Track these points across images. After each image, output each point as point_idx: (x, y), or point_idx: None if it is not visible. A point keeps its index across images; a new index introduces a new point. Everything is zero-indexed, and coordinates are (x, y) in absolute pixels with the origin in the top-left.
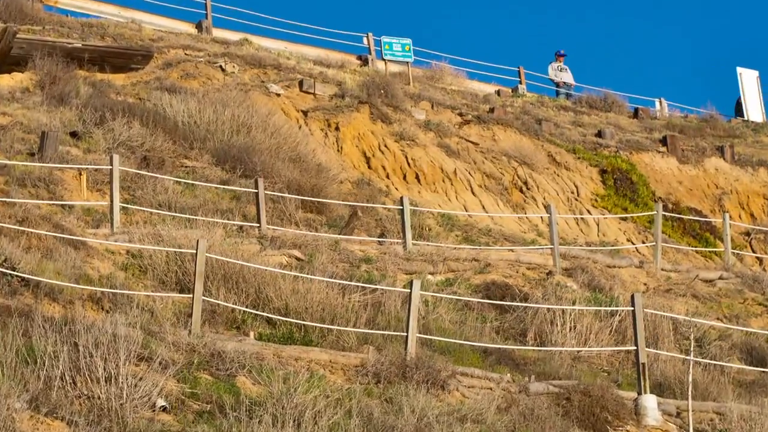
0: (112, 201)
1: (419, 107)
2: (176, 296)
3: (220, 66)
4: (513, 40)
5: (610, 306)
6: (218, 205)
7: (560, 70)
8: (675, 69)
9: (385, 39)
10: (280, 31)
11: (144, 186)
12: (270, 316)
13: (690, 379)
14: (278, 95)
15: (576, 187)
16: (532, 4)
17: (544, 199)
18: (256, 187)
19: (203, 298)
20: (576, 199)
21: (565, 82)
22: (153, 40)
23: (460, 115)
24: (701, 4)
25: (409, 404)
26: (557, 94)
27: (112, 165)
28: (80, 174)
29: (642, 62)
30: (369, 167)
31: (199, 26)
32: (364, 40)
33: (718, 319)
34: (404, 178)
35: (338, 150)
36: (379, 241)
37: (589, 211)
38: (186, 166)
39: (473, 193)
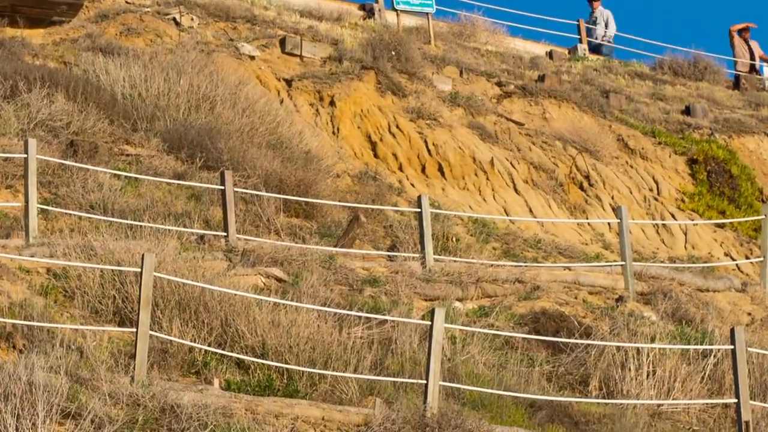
0: (27, 202)
1: (443, 74)
2: (114, 330)
3: (174, 18)
4: None
5: (702, 344)
6: (171, 207)
7: (594, 22)
8: None
9: None
10: None
11: (71, 181)
12: (241, 357)
13: None
14: (252, 58)
15: (656, 182)
16: None
17: (613, 199)
18: (223, 183)
19: (151, 332)
20: (656, 200)
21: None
22: None
23: (499, 84)
24: None
25: None
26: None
27: (27, 153)
28: None
29: (746, 15)
30: (375, 155)
31: None
32: None
33: None
34: (423, 170)
35: (334, 132)
36: (389, 256)
37: (673, 216)
38: (128, 155)
39: (517, 191)
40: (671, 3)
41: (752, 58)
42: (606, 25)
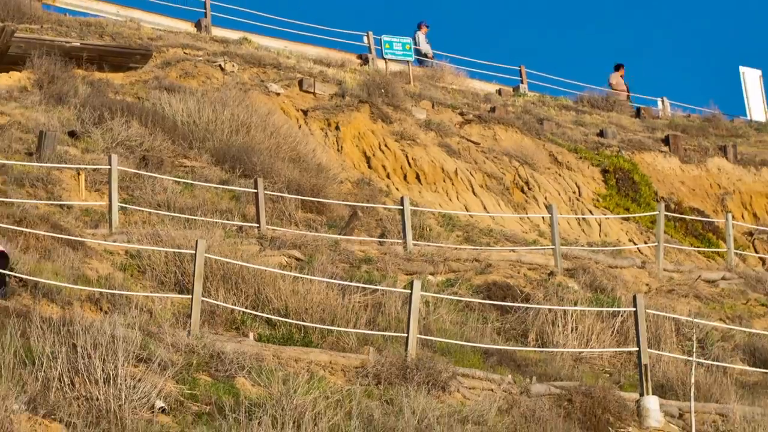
0: (110, 201)
1: (420, 106)
2: (175, 297)
3: (219, 65)
4: (514, 39)
5: (612, 307)
6: (217, 205)
7: (420, 36)
8: (677, 68)
9: (385, 38)
10: (280, 30)
11: (143, 186)
12: (269, 316)
13: (692, 381)
14: (278, 94)
15: (578, 187)
16: (533, 4)
17: (546, 199)
18: (256, 187)
19: (202, 298)
20: (578, 200)
21: (424, 55)
22: (152, 39)
23: (461, 114)
24: (703, 3)
25: (409, 405)
26: (421, 61)
27: (110, 165)
28: (78, 174)
29: (644, 61)
30: (369, 167)
31: (198, 25)
32: (365, 39)
33: (720, 319)
34: (405, 178)
35: (338, 149)
36: (379, 242)
37: (591, 212)
38: (185, 166)
39: (474, 193)
40: (591, 51)
41: (627, 91)
42: (425, 53)
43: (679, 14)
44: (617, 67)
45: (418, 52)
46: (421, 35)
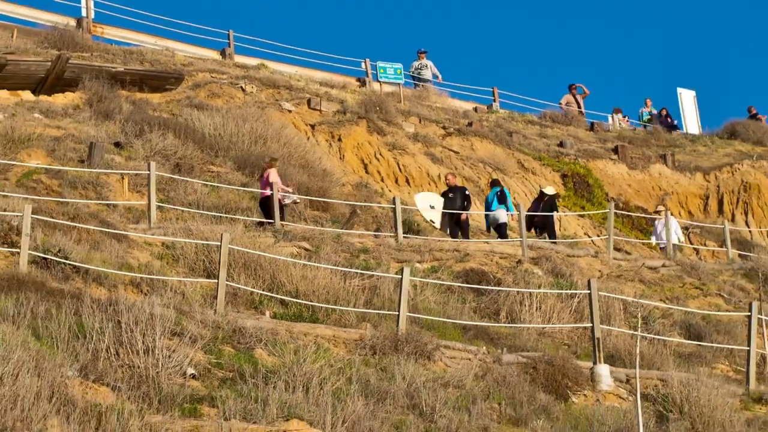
0: (149, 201)
1: (409, 122)
2: (204, 281)
3: (241, 87)
4: (489, 64)
5: (570, 290)
6: (239, 204)
7: (422, 69)
8: (625, 89)
9: (380, 64)
10: (292, 57)
11: (176, 188)
12: (283, 298)
13: (637, 351)
14: (289, 111)
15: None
16: (504, 36)
17: (515, 198)
18: (271, 190)
19: (226, 283)
20: None
21: (422, 79)
22: (184, 65)
23: (444, 128)
24: (648, 31)
25: (400, 372)
26: (416, 86)
27: (149, 170)
28: (122, 178)
29: (598, 83)
30: (366, 172)
31: (222, 53)
32: (362, 64)
33: (661, 300)
34: (396, 181)
35: (340, 158)
36: (375, 235)
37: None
38: (212, 171)
39: None
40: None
41: (579, 107)
42: (428, 74)
43: (628, 42)
44: (570, 88)
45: (418, 77)
46: (429, 63)
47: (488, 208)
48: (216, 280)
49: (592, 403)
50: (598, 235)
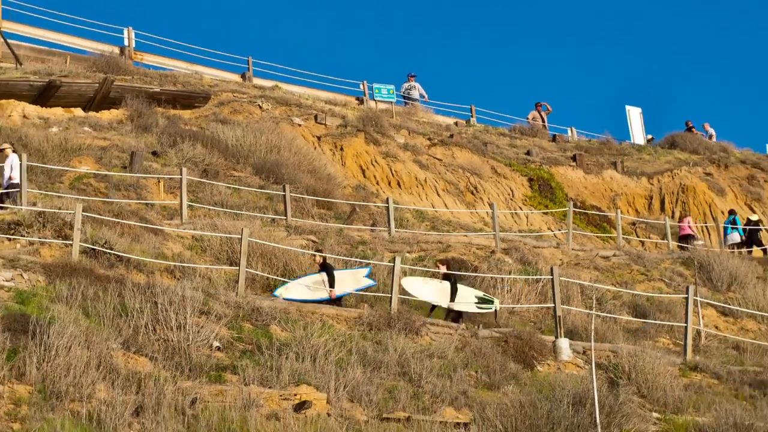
0: (181, 200)
1: (400, 134)
2: (227, 268)
3: (258, 105)
4: (467, 85)
5: (535, 275)
6: (256, 204)
7: (411, 89)
8: (582, 106)
9: (375, 85)
10: (301, 79)
11: (204, 190)
12: (285, 280)
13: (592, 327)
14: (299, 125)
15: (511, 190)
16: (482, 59)
17: (489, 199)
18: (284, 191)
19: (246, 269)
20: (511, 200)
21: (411, 98)
22: (210, 86)
23: (429, 139)
24: (601, 57)
25: (392, 345)
26: (405, 101)
27: (181, 175)
28: (158, 181)
29: (559, 101)
30: (364, 176)
31: (243, 76)
32: (361, 86)
33: (612, 284)
34: (389, 184)
35: (342, 164)
36: (371, 229)
37: (520, 208)
38: (234, 176)
39: (438, 195)
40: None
41: (543, 122)
42: (416, 94)
43: (585, 66)
44: (536, 105)
45: (407, 96)
46: (417, 85)
47: (726, 232)
48: (237, 268)
49: (554, 371)
50: (559, 230)
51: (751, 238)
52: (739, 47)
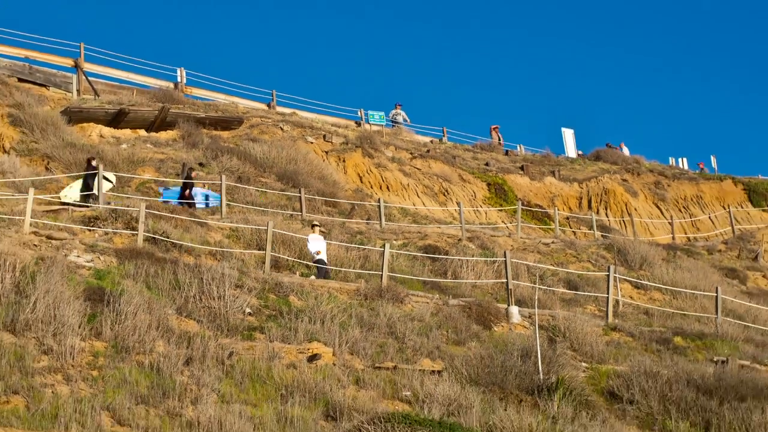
0: (221, 200)
1: (388, 149)
2: (256, 252)
3: (280, 127)
4: (440, 111)
5: (492, 258)
6: (278, 203)
7: (397, 115)
8: (528, 127)
9: (369, 112)
10: (313, 107)
11: (238, 192)
12: (307, 263)
13: (536, 297)
14: (312, 143)
15: (474, 193)
16: (451, 91)
17: (456, 199)
18: (300, 193)
19: (271, 253)
20: (474, 200)
21: (397, 122)
22: (243, 113)
23: (411, 153)
24: (542, 86)
25: (383, 311)
26: (393, 124)
27: (221, 181)
28: (204, 186)
29: (510, 124)
30: (361, 182)
31: (268, 105)
32: (358, 112)
33: (551, 264)
34: (381, 188)
35: (344, 172)
36: (366, 222)
37: (481, 206)
38: (261, 181)
39: (418, 196)
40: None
41: (500, 141)
42: (401, 119)
43: (531, 95)
44: (491, 128)
45: (394, 121)
46: (402, 112)
47: None
48: (264, 252)
49: (507, 331)
50: (511, 223)
51: None
52: (648, 80)
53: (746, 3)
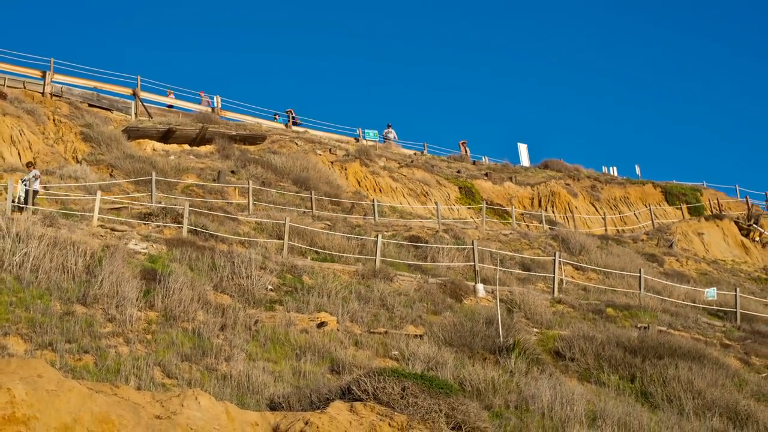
0: (248, 200)
1: (381, 160)
2: (276, 242)
3: (295, 142)
4: (420, 130)
5: (463, 245)
6: (294, 203)
7: (388, 133)
8: (491, 141)
9: (366, 130)
10: (321, 126)
11: (262, 194)
12: (317, 250)
13: (498, 277)
14: (320, 155)
15: (449, 194)
16: (430, 113)
17: (434, 199)
18: (311, 195)
19: (288, 242)
20: (448, 200)
21: (387, 138)
22: (266, 131)
23: (398, 163)
24: (502, 106)
25: (377, 288)
26: (384, 140)
27: (248, 185)
28: (235, 189)
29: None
30: (359, 186)
31: (286, 126)
32: (357, 130)
33: (509, 251)
34: (374, 190)
35: (346, 179)
36: (363, 218)
37: (454, 204)
38: (280, 186)
39: (404, 197)
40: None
41: (467, 153)
42: (391, 136)
43: (494, 115)
44: (460, 142)
45: (386, 138)
46: (392, 130)
47: None
48: (283, 241)
49: (474, 303)
50: (477, 218)
51: None
52: (585, 102)
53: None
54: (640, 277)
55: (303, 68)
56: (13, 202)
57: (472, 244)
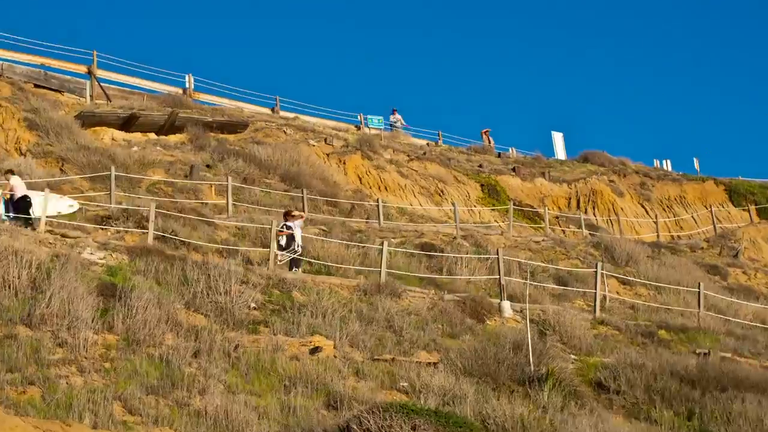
0: (227, 200)
1: (386, 152)
2: (261, 250)
3: (284, 130)
4: (435, 115)
5: (486, 255)
6: (282, 203)
7: (396, 120)
8: (520, 130)
9: (369, 116)
10: (315, 111)
11: (244, 193)
12: (310, 260)
13: (527, 293)
14: (313, 146)
15: (468, 193)
16: (446, 96)
17: (451, 199)
18: (302, 194)
19: (275, 251)
20: (468, 200)
21: (394, 125)
22: (248, 117)
23: (408, 155)
24: (534, 92)
25: (381, 306)
26: (391, 128)
27: (227, 182)
28: (211, 186)
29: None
30: (361, 183)
31: (272, 110)
32: (358, 116)
33: (542, 261)
34: (379, 189)
35: (345, 174)
36: (366, 221)
37: (475, 206)
38: (266, 182)
39: (415, 196)
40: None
41: (490, 143)
42: (399, 124)
43: (522, 99)
44: (482, 131)
45: (392, 125)
46: (399, 116)
47: None
48: (268, 249)
49: (499, 324)
50: (503, 222)
51: None
52: (633, 85)
53: (730, 8)
54: (699, 292)
55: (293, 40)
56: None
57: (497, 254)
